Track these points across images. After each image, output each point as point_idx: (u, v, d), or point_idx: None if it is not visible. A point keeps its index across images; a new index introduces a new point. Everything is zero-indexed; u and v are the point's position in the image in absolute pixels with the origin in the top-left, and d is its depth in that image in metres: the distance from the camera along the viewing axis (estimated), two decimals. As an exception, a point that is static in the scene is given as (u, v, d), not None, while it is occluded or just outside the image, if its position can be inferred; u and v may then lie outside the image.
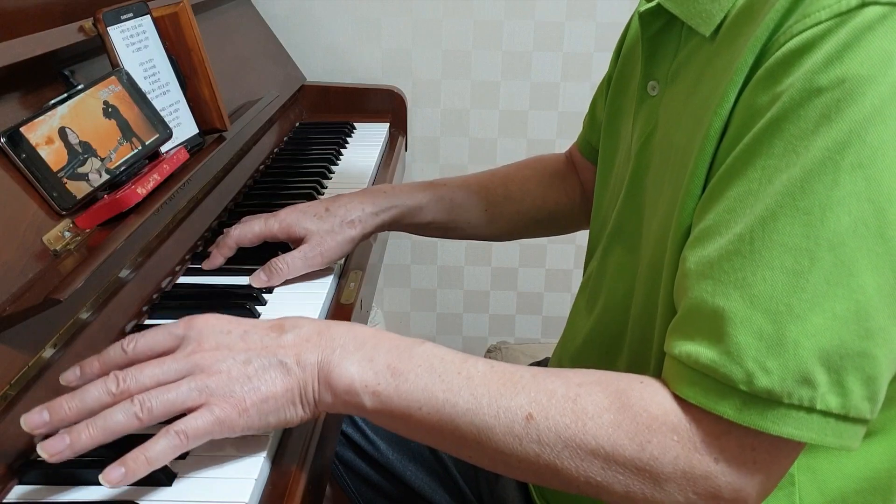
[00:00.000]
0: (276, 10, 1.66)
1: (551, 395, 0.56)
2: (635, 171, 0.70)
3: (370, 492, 0.98)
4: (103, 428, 0.55)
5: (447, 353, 0.60)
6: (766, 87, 0.53)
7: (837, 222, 0.50)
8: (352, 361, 0.59)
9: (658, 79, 0.69)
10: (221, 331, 0.61)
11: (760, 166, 0.52)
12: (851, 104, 0.49)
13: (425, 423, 0.58)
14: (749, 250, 0.52)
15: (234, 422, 0.57)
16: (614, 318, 0.72)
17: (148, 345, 0.61)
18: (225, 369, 0.58)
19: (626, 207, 0.72)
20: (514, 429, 0.55)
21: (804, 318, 0.50)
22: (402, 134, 1.62)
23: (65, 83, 0.84)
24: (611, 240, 0.74)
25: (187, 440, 0.56)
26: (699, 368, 0.53)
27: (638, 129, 0.71)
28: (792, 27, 0.52)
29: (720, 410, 0.52)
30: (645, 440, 0.53)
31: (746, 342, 0.51)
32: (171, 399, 0.56)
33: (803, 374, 0.50)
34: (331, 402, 0.59)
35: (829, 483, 0.63)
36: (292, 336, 0.61)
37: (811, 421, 0.51)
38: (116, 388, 0.57)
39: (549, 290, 1.89)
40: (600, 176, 0.82)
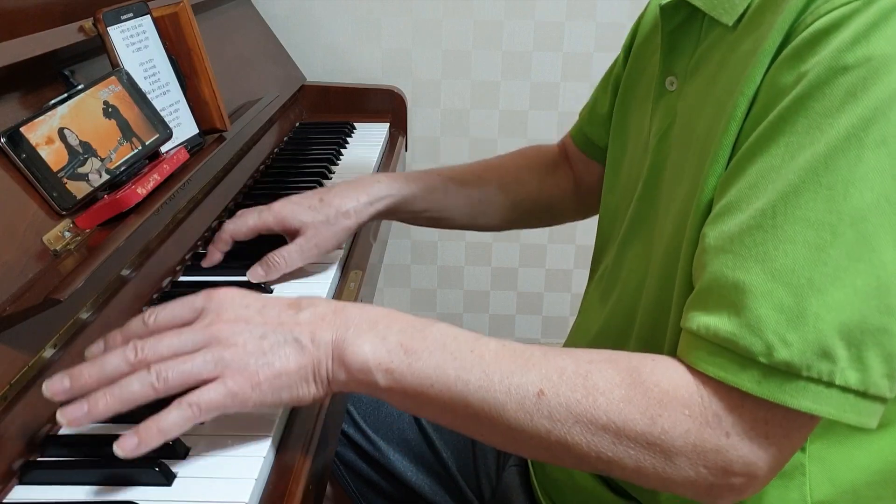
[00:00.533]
0: (276, 10, 1.66)
1: (562, 371, 0.56)
2: (653, 165, 0.70)
3: (371, 492, 0.98)
4: (119, 396, 0.56)
5: (460, 333, 0.60)
6: (791, 67, 0.54)
7: (860, 198, 0.50)
8: (365, 340, 0.59)
9: (677, 73, 0.69)
10: (240, 304, 0.62)
11: (784, 143, 0.53)
12: (877, 82, 0.50)
13: (437, 400, 0.58)
14: (771, 224, 0.52)
15: (247, 395, 0.58)
16: (627, 308, 0.72)
17: (168, 317, 0.62)
18: (241, 342, 0.59)
19: (644, 201, 0.72)
20: (526, 405, 0.56)
21: (825, 292, 0.50)
22: (402, 134, 1.62)
23: (65, 83, 0.84)
24: (628, 233, 0.74)
25: (200, 412, 0.57)
26: (718, 341, 0.53)
27: (656, 125, 0.71)
28: (819, 8, 0.53)
29: (739, 383, 0.52)
30: (656, 414, 0.54)
31: (767, 315, 0.51)
32: (186, 369, 0.57)
33: (823, 347, 0.50)
34: (344, 380, 0.60)
35: (840, 474, 0.63)
36: (308, 314, 0.61)
37: (830, 396, 0.51)
38: (135, 357, 0.58)
39: (549, 290, 1.89)
40: (609, 171, 0.82)
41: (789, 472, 0.62)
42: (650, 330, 0.68)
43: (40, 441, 0.62)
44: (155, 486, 0.58)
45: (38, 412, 0.63)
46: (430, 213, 0.98)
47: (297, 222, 0.90)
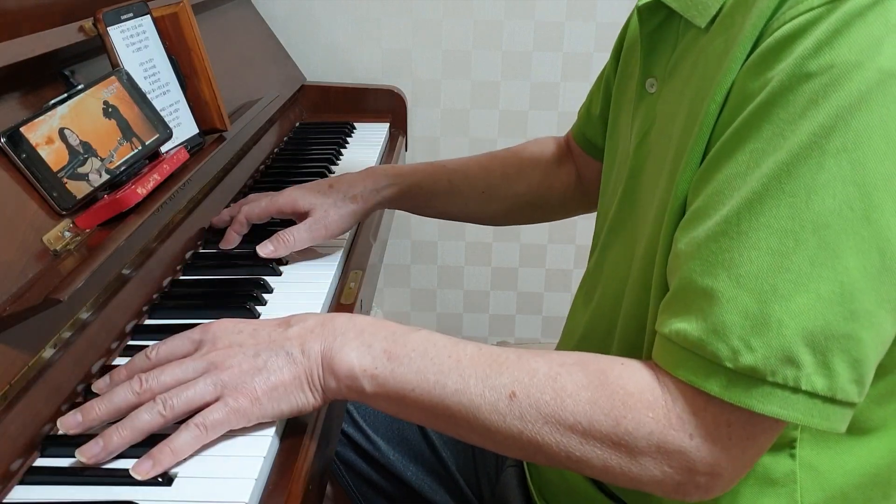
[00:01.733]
0: (276, 10, 1.66)
1: (533, 374, 0.58)
2: (633, 167, 0.71)
3: (371, 491, 0.98)
4: (132, 428, 0.60)
5: (440, 339, 0.63)
6: (757, 73, 0.54)
7: (822, 205, 0.50)
8: (352, 348, 0.62)
9: (656, 75, 0.69)
10: (233, 331, 0.66)
11: (749, 150, 0.54)
12: (838, 89, 0.50)
13: (418, 403, 0.61)
14: (736, 231, 0.53)
15: (249, 410, 0.61)
16: (608, 311, 0.73)
17: (168, 350, 0.66)
18: (237, 364, 0.62)
19: (624, 203, 0.72)
20: (499, 406, 0.58)
21: (788, 298, 0.51)
22: (402, 134, 1.62)
23: (65, 83, 0.84)
24: (609, 235, 0.75)
25: (206, 431, 0.60)
26: (687, 346, 0.54)
27: (636, 127, 0.71)
28: (785, 13, 0.54)
29: (707, 387, 0.53)
30: (620, 416, 0.55)
31: (732, 320, 0.52)
32: (189, 395, 0.61)
33: (787, 353, 0.51)
34: (335, 388, 0.63)
35: (830, 479, 0.63)
36: (297, 329, 0.65)
37: (797, 401, 0.52)
38: (140, 387, 0.62)
39: (549, 290, 1.89)
40: (604, 175, 0.83)
41: (780, 480, 0.63)
42: (633, 333, 0.69)
43: (40, 441, 0.62)
44: (155, 486, 0.58)
45: (38, 412, 0.63)
46: (435, 204, 1.02)
47: (306, 204, 0.95)
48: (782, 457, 0.62)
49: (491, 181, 1.02)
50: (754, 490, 0.63)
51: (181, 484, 0.59)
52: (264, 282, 0.89)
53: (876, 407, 0.62)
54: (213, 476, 0.60)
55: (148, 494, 0.58)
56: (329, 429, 0.72)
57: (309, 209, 0.95)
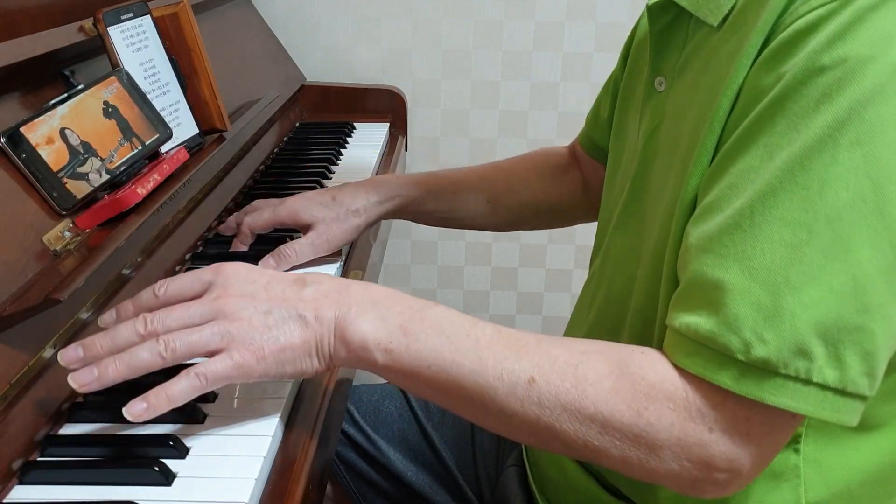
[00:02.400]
0: (276, 10, 1.66)
1: (554, 360, 0.57)
2: (641, 163, 0.71)
3: (371, 491, 0.98)
4: (128, 364, 0.59)
5: (457, 317, 0.62)
6: (770, 68, 0.55)
7: (835, 197, 0.50)
8: (366, 319, 0.61)
9: (665, 74, 0.69)
10: (247, 279, 0.64)
11: (763, 143, 0.54)
12: (852, 83, 0.50)
13: (433, 381, 0.60)
14: (749, 224, 0.53)
15: (252, 368, 0.60)
16: (615, 309, 0.73)
17: (177, 289, 0.64)
18: (247, 317, 0.61)
19: (630, 201, 0.72)
20: (517, 391, 0.57)
21: (801, 291, 0.51)
22: (402, 134, 1.62)
23: (65, 83, 0.84)
24: (614, 233, 0.75)
25: (206, 382, 0.59)
26: (698, 339, 0.54)
27: (644, 125, 0.71)
28: (798, 9, 0.54)
29: (718, 380, 0.53)
30: (642, 407, 0.55)
31: (744, 313, 0.52)
32: (193, 341, 0.60)
33: (799, 345, 0.51)
34: (345, 357, 0.62)
35: (834, 476, 0.63)
36: (312, 291, 0.63)
37: (808, 393, 0.52)
38: (144, 328, 0.61)
39: (549, 290, 1.89)
40: (608, 174, 0.83)
41: (784, 474, 0.63)
42: (641, 327, 0.69)
43: (40, 441, 0.62)
44: (155, 486, 0.58)
45: (38, 412, 0.63)
46: (438, 214, 1.01)
47: (309, 217, 0.94)
48: (787, 452, 0.62)
49: (495, 191, 1.01)
50: (759, 485, 0.63)
51: (181, 484, 0.59)
52: None
53: (882, 403, 0.62)
54: (213, 476, 0.60)
55: (148, 494, 0.58)
56: (329, 429, 0.72)
57: (311, 222, 0.94)
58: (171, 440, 0.62)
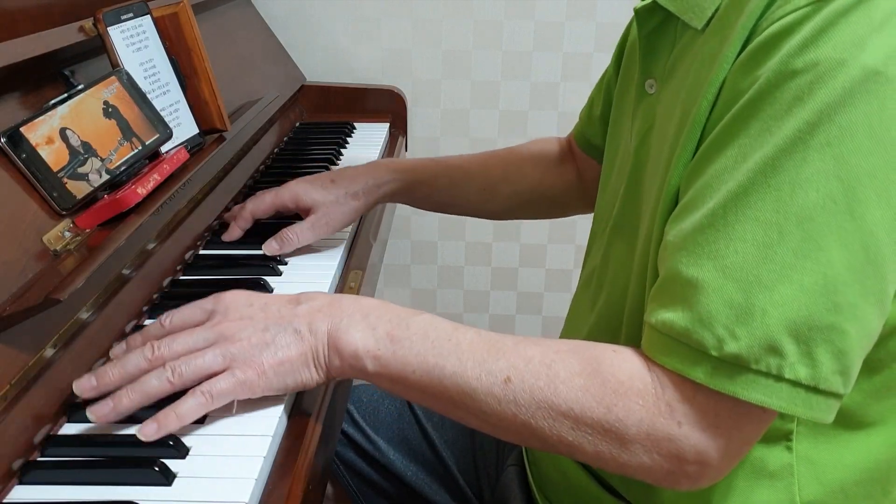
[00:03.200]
0: (276, 10, 1.66)
1: (529, 360, 0.60)
2: (633, 167, 0.71)
3: (371, 491, 0.98)
4: (141, 392, 0.62)
5: (441, 323, 0.65)
6: (747, 70, 0.56)
7: (805, 198, 0.52)
8: (357, 329, 0.65)
9: (656, 76, 0.69)
10: (245, 304, 0.68)
11: (737, 145, 0.55)
12: (823, 86, 0.51)
13: (418, 385, 0.63)
14: (722, 223, 0.54)
15: (255, 383, 0.64)
16: (615, 310, 0.73)
17: (182, 319, 0.68)
18: (246, 337, 0.65)
19: (626, 204, 0.73)
20: (494, 390, 0.60)
21: (772, 289, 0.52)
22: (402, 134, 1.62)
23: (65, 83, 0.84)
24: (612, 235, 0.75)
25: (212, 399, 0.62)
26: (673, 335, 0.55)
27: (636, 127, 0.72)
28: (774, 13, 0.55)
29: (693, 375, 0.55)
30: (611, 403, 0.57)
31: (717, 310, 0.53)
32: (198, 364, 0.63)
33: (770, 342, 0.52)
34: (339, 366, 0.65)
35: (828, 474, 0.64)
36: (306, 307, 0.67)
37: (780, 389, 0.53)
38: (152, 354, 0.64)
39: (549, 290, 1.89)
40: (603, 175, 0.83)
41: (778, 473, 0.63)
42: (637, 329, 0.69)
43: (40, 441, 0.62)
44: (155, 486, 0.58)
45: (38, 412, 0.63)
46: (435, 199, 1.04)
47: (309, 200, 0.97)
48: (779, 450, 0.63)
49: (491, 178, 1.03)
50: (752, 483, 0.64)
51: (181, 484, 0.59)
52: (264, 282, 0.89)
53: (874, 402, 0.62)
54: (213, 476, 0.60)
55: (148, 494, 0.58)
56: (329, 429, 0.72)
57: (311, 205, 0.97)
58: (171, 440, 0.62)
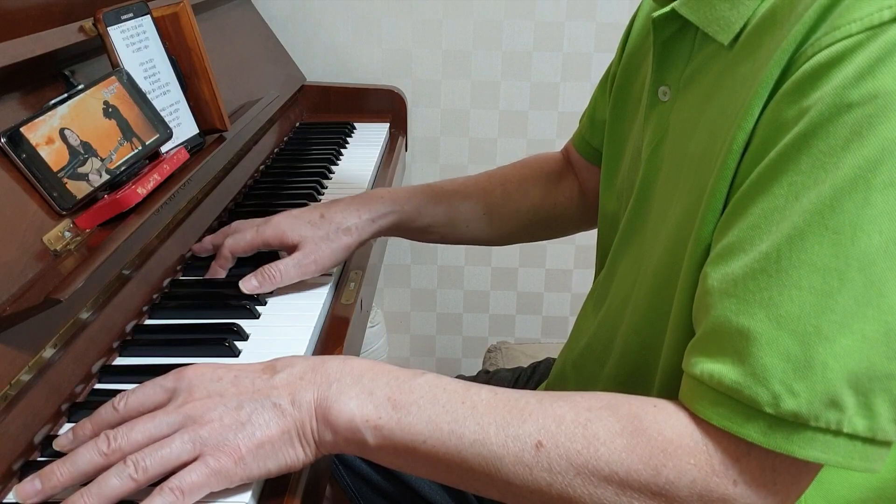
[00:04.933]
0: (276, 10, 1.66)
1: (560, 420, 0.54)
2: (645, 177, 0.70)
3: (370, 492, 0.98)
4: (99, 495, 0.53)
5: (449, 383, 0.58)
6: (792, 101, 0.52)
7: (868, 242, 0.48)
8: (350, 396, 0.57)
9: (670, 84, 0.68)
10: (212, 378, 0.59)
11: (787, 182, 0.51)
12: (884, 120, 0.48)
13: (431, 456, 0.56)
14: (776, 269, 0.50)
15: (231, 471, 0.55)
16: (614, 322, 0.72)
17: (138, 401, 0.59)
18: (217, 417, 0.56)
19: (636, 214, 0.71)
20: (524, 458, 0.54)
21: (833, 340, 0.49)
22: (402, 134, 1.62)
23: (65, 83, 0.84)
24: (619, 246, 0.74)
25: (183, 496, 0.54)
26: (722, 390, 0.52)
27: (649, 135, 0.70)
28: (821, 39, 0.51)
29: (745, 433, 0.51)
30: (660, 464, 0.52)
31: (773, 363, 0.50)
32: (164, 455, 0.54)
33: (831, 396, 0.49)
34: (332, 441, 0.57)
35: (834, 492, 0.62)
36: (285, 375, 0.59)
37: (837, 444, 0.50)
38: (108, 447, 0.55)
39: (549, 290, 1.89)
40: (605, 178, 0.82)
41: None
42: (637, 350, 0.68)
43: (40, 441, 0.62)
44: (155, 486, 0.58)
45: (38, 412, 0.63)
46: (435, 229, 0.96)
47: (296, 236, 0.88)
48: None
49: (492, 201, 0.98)
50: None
51: (181, 484, 0.59)
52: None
53: None
54: (213, 476, 0.59)
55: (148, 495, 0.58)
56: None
57: (298, 241, 0.87)
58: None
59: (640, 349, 0.67)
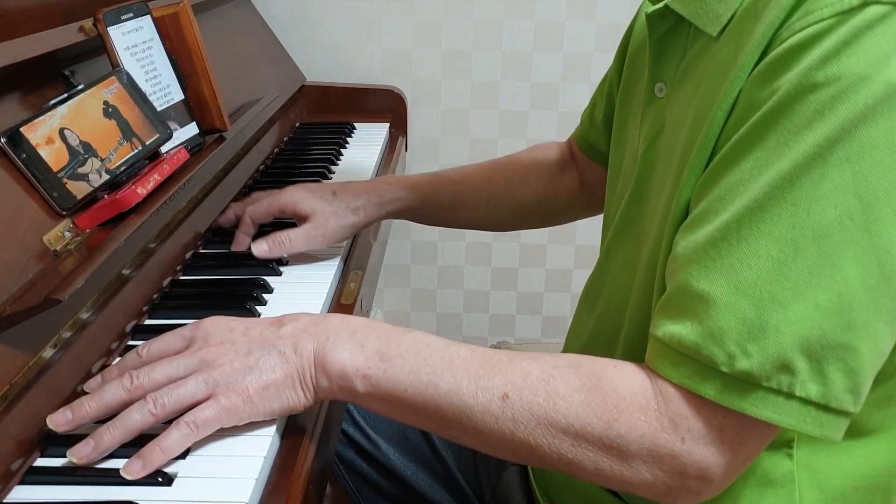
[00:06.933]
0: (276, 10, 1.66)
1: (526, 376, 0.59)
2: (641, 172, 0.71)
3: (371, 491, 0.98)
4: (122, 427, 0.60)
5: (433, 340, 0.63)
6: (765, 82, 0.55)
7: (823, 215, 0.51)
8: (344, 348, 0.62)
9: (665, 81, 0.69)
10: (225, 329, 0.65)
11: (753, 157, 0.54)
12: (845, 101, 0.50)
13: (411, 404, 0.61)
14: (736, 237, 0.53)
15: (240, 409, 0.61)
16: (614, 315, 0.73)
17: (160, 347, 0.66)
18: (228, 361, 0.62)
19: (631, 208, 0.72)
20: (491, 408, 0.58)
21: (786, 306, 0.51)
22: (402, 134, 1.62)
23: (65, 83, 0.84)
24: (614, 239, 0.75)
25: (197, 429, 0.60)
26: (682, 350, 0.55)
27: (644, 131, 0.71)
28: (795, 23, 0.54)
29: (703, 391, 0.54)
30: (612, 419, 0.56)
31: (729, 326, 0.53)
32: (180, 394, 0.61)
33: (782, 359, 0.52)
34: (327, 387, 0.63)
35: (828, 481, 0.63)
36: (290, 328, 0.65)
37: (790, 407, 0.52)
38: (131, 384, 0.62)
39: (549, 290, 1.89)
40: (609, 180, 0.83)
41: (779, 480, 0.63)
42: (637, 337, 0.68)
43: (40, 441, 0.62)
44: (155, 486, 0.58)
45: (38, 412, 0.63)
46: (439, 215, 1.02)
47: (307, 208, 0.94)
48: (780, 457, 0.63)
49: (494, 190, 1.02)
50: (753, 491, 0.63)
51: (181, 484, 0.59)
52: (264, 282, 0.89)
53: (875, 410, 0.62)
54: (213, 476, 0.60)
55: (148, 494, 0.58)
56: (329, 429, 0.72)
57: (309, 213, 0.94)
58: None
59: (641, 337, 0.68)
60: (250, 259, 0.93)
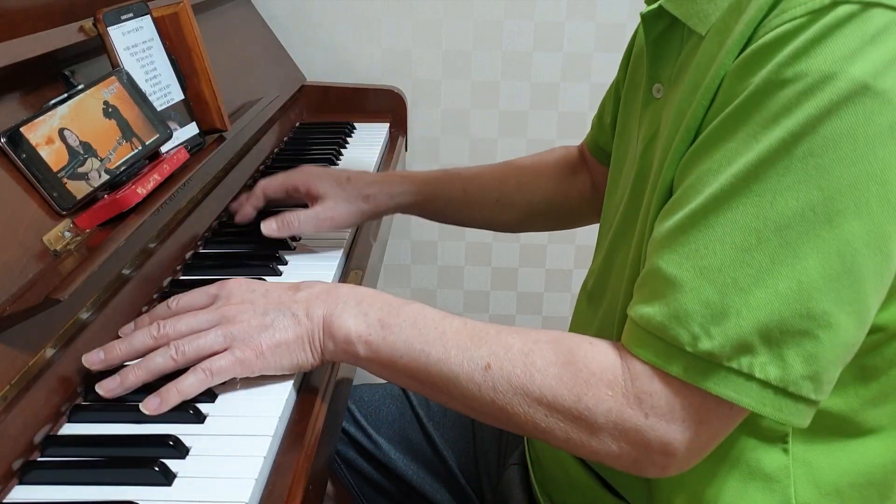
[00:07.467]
0: (276, 10, 1.66)
1: (508, 348, 0.63)
2: (638, 173, 0.71)
3: (371, 490, 0.98)
4: (146, 368, 0.66)
5: (430, 312, 0.68)
6: (741, 77, 0.57)
7: (786, 206, 0.53)
8: (350, 315, 0.68)
9: (663, 81, 0.69)
10: (247, 289, 0.71)
11: (724, 148, 0.56)
12: (811, 97, 0.52)
13: (406, 370, 0.66)
14: (703, 224, 0.56)
15: (253, 363, 0.67)
16: (620, 313, 0.73)
17: (188, 301, 0.73)
18: (246, 319, 0.68)
19: (630, 208, 0.73)
20: (475, 377, 0.63)
21: (747, 292, 0.54)
22: (402, 134, 1.62)
23: (65, 83, 0.84)
24: (615, 240, 0.75)
25: (212, 376, 0.66)
26: (651, 329, 0.58)
27: (643, 132, 0.71)
28: (771, 21, 0.56)
29: (669, 369, 0.57)
30: (582, 392, 0.59)
31: (694, 308, 0.55)
32: (200, 344, 0.67)
33: (742, 342, 0.54)
34: (333, 350, 0.68)
35: (824, 477, 0.64)
36: (305, 293, 0.70)
37: (750, 388, 0.55)
38: (157, 332, 0.68)
39: (548, 290, 1.89)
40: (610, 181, 0.83)
41: (774, 475, 0.64)
42: None
43: (40, 441, 0.62)
44: (155, 486, 0.58)
45: (38, 412, 0.63)
46: (448, 212, 1.04)
47: (320, 189, 0.97)
48: (775, 451, 0.63)
49: (505, 190, 1.02)
50: (748, 484, 0.64)
51: (181, 484, 0.59)
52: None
53: (870, 408, 0.63)
54: (213, 476, 0.60)
55: (148, 494, 0.58)
56: (330, 428, 0.72)
57: (322, 194, 0.97)
58: (171, 440, 0.62)
59: None
60: (250, 259, 0.93)
